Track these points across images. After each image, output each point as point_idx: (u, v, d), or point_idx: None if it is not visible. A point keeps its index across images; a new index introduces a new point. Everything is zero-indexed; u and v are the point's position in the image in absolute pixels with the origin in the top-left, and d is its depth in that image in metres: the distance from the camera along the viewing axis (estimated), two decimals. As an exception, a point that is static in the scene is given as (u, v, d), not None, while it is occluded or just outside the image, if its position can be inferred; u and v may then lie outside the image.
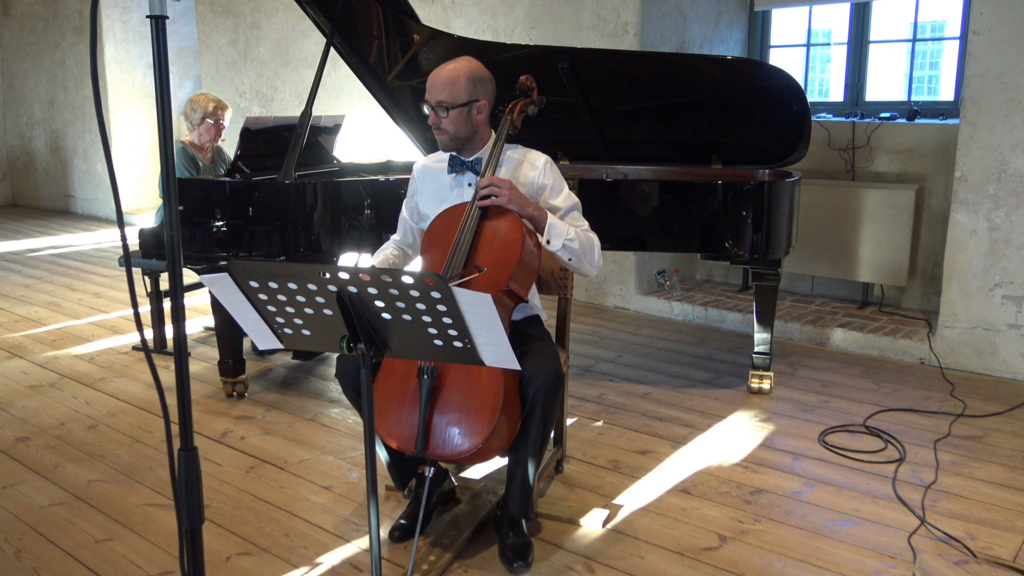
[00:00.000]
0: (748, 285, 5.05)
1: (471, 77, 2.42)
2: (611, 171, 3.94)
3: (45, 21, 9.07)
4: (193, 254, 3.47)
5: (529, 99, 2.66)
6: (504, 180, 2.38)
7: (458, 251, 2.35)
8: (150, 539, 2.51)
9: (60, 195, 9.50)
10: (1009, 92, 3.68)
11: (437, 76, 2.42)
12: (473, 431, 2.17)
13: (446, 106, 2.40)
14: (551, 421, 2.33)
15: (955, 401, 3.56)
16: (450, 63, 2.44)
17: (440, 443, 2.20)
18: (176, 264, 1.52)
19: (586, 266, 2.49)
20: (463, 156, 2.53)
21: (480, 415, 2.17)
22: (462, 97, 2.41)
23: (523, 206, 2.38)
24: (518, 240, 2.33)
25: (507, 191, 2.36)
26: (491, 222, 2.39)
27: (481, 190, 2.37)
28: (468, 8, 5.56)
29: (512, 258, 2.32)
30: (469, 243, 2.36)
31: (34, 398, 3.68)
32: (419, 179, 2.67)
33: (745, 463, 2.99)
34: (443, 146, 2.51)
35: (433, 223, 2.49)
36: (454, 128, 2.44)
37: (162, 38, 1.45)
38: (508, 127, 2.54)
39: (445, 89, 2.39)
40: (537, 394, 2.23)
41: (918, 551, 2.37)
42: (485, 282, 2.29)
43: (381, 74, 4.01)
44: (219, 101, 4.28)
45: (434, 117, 2.44)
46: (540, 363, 2.27)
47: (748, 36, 5.37)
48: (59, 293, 5.62)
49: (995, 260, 3.82)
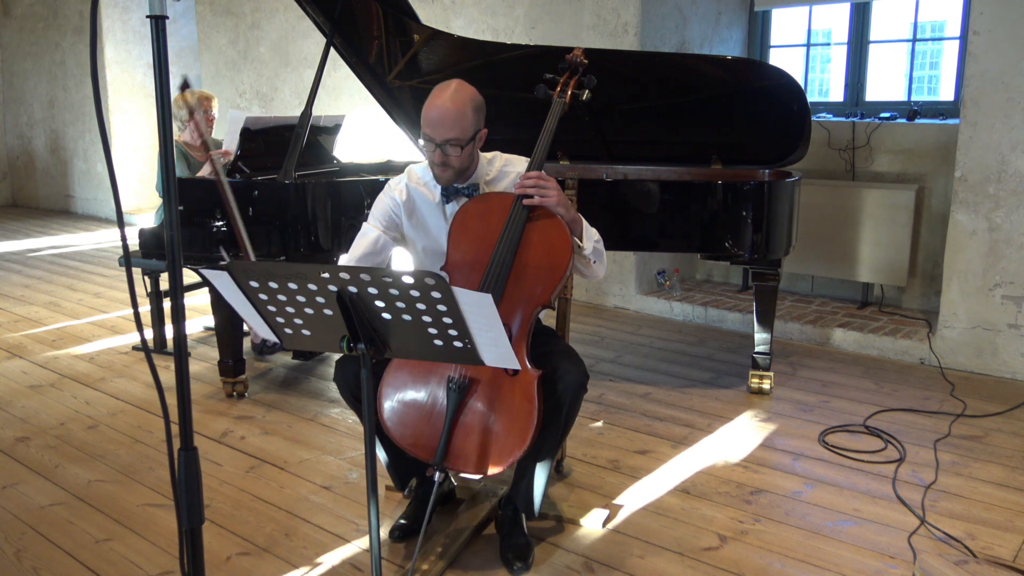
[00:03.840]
0: (748, 285, 5.05)
1: (475, 107, 2.24)
2: (611, 171, 3.94)
3: (45, 21, 9.07)
4: (193, 254, 3.47)
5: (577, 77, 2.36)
6: (551, 178, 2.21)
7: (500, 255, 2.17)
8: (150, 539, 2.51)
9: (60, 195, 9.50)
10: (1009, 92, 3.68)
11: (440, 112, 2.20)
12: (500, 452, 2.11)
13: (457, 143, 2.22)
14: (571, 423, 2.30)
15: (955, 401, 3.56)
16: (447, 93, 2.21)
17: (462, 458, 2.14)
18: (176, 264, 1.51)
19: (603, 267, 2.39)
20: (457, 184, 2.35)
21: (508, 439, 2.11)
22: (470, 131, 2.23)
23: (568, 208, 2.22)
24: (566, 253, 2.17)
25: (555, 191, 2.18)
26: (536, 225, 2.19)
27: (528, 188, 2.19)
28: (468, 8, 5.56)
29: (558, 273, 2.18)
30: (512, 251, 2.18)
31: (34, 398, 3.68)
32: (406, 207, 2.44)
33: (745, 463, 2.99)
34: (444, 181, 2.32)
35: (465, 212, 2.29)
36: (461, 163, 2.28)
37: (162, 38, 1.46)
38: (560, 111, 2.31)
39: (455, 126, 2.19)
40: (565, 393, 2.19)
41: (918, 551, 2.38)
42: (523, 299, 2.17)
43: (381, 74, 4.01)
44: (202, 93, 4.29)
45: (440, 155, 2.24)
46: (572, 363, 2.23)
47: (748, 36, 5.37)
48: (59, 293, 5.62)
49: (995, 260, 3.82)
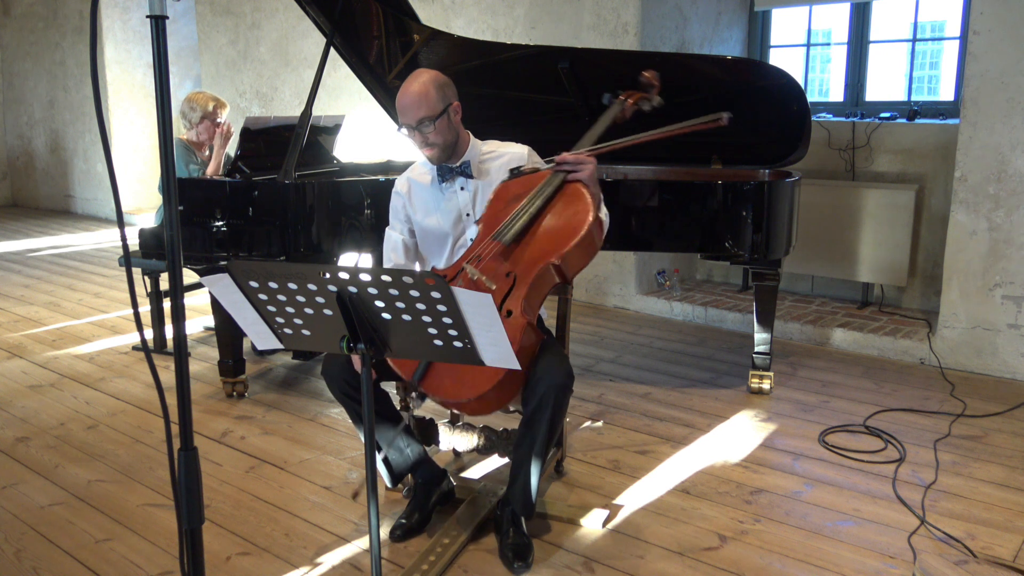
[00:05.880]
0: (748, 285, 5.05)
1: (438, 85, 2.45)
2: (611, 171, 3.93)
3: (45, 21, 9.07)
4: (193, 254, 3.47)
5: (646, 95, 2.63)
6: (591, 159, 2.45)
7: (527, 205, 2.39)
8: (150, 539, 2.51)
9: (60, 195, 9.50)
10: (1009, 92, 3.68)
11: (406, 99, 2.43)
12: (474, 383, 2.19)
13: (429, 119, 2.43)
14: (559, 422, 2.32)
15: (955, 401, 3.57)
16: (410, 83, 2.45)
17: (438, 383, 2.24)
18: (176, 264, 1.51)
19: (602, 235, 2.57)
20: (450, 164, 2.56)
21: (483, 372, 2.18)
22: (439, 106, 2.44)
23: (596, 186, 2.46)
24: (586, 218, 2.37)
25: (590, 168, 2.44)
26: (566, 192, 2.44)
27: (568, 162, 2.44)
28: (468, 8, 5.56)
29: (575, 233, 2.35)
30: (539, 206, 2.40)
31: (34, 398, 3.68)
32: (409, 196, 2.65)
33: (745, 463, 2.99)
34: (435, 160, 2.53)
35: (507, 183, 2.51)
36: (443, 138, 2.48)
37: (162, 38, 1.46)
38: (616, 112, 2.53)
39: (421, 105, 2.42)
40: (547, 393, 2.23)
41: (918, 551, 2.38)
42: (537, 250, 2.35)
43: (381, 74, 4.01)
44: (218, 100, 4.23)
45: (420, 136, 2.47)
46: (551, 362, 2.27)
47: (748, 36, 5.37)
48: (59, 293, 5.62)
49: (995, 260, 3.82)
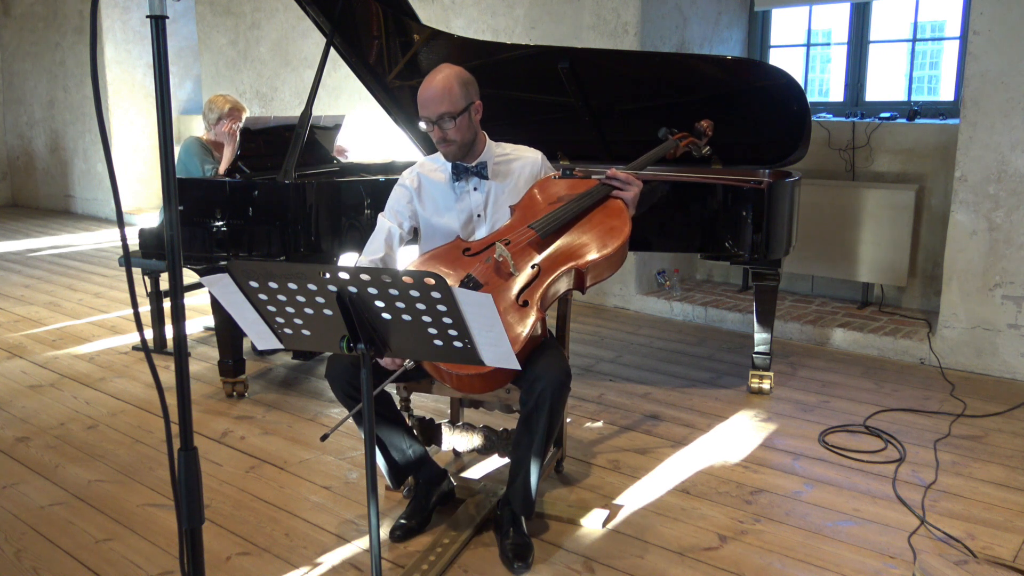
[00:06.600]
0: (748, 285, 5.05)
1: (462, 82, 2.44)
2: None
3: (45, 21, 9.07)
4: (193, 254, 3.47)
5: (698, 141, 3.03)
6: (639, 181, 2.58)
7: (567, 209, 2.48)
8: (150, 539, 2.51)
9: (60, 195, 9.50)
10: (1009, 92, 3.68)
11: (429, 91, 2.42)
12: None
13: (451, 116, 2.41)
14: (557, 421, 2.32)
15: (955, 401, 3.56)
16: (435, 76, 2.44)
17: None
18: (176, 264, 1.51)
19: None
20: (466, 163, 2.54)
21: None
22: (461, 103, 2.43)
23: (636, 207, 2.58)
24: (621, 236, 2.46)
25: (636, 190, 2.56)
26: (608, 207, 2.55)
27: (617, 179, 2.55)
28: (468, 8, 5.56)
29: (607, 246, 2.44)
30: (578, 212, 2.48)
31: (34, 398, 3.68)
32: (418, 192, 2.60)
33: (745, 463, 2.99)
34: (451, 156, 2.52)
35: (551, 180, 2.60)
36: (461, 136, 2.46)
37: (162, 38, 1.46)
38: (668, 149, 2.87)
39: (444, 100, 2.40)
40: (544, 392, 2.22)
41: (918, 551, 2.38)
42: (568, 251, 2.42)
43: (381, 74, 4.01)
44: (236, 103, 4.28)
45: (439, 131, 2.45)
46: (549, 362, 2.27)
47: (748, 36, 5.37)
48: (59, 293, 5.62)
49: (995, 260, 3.82)
